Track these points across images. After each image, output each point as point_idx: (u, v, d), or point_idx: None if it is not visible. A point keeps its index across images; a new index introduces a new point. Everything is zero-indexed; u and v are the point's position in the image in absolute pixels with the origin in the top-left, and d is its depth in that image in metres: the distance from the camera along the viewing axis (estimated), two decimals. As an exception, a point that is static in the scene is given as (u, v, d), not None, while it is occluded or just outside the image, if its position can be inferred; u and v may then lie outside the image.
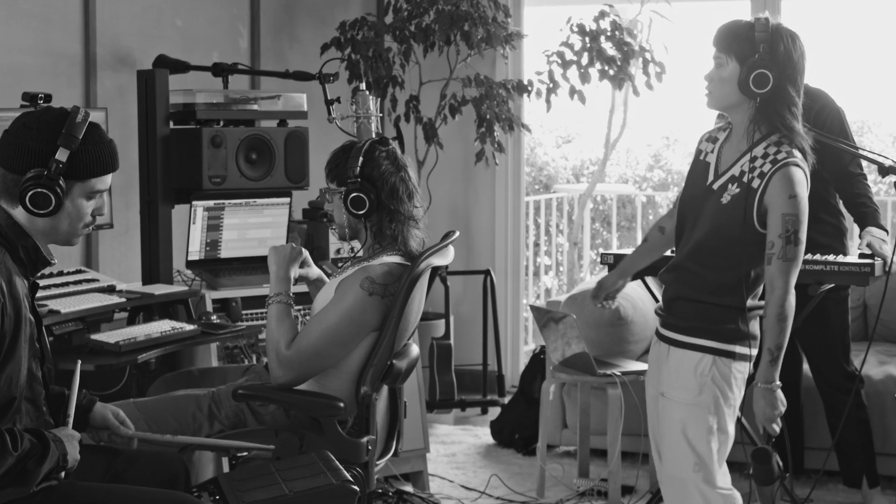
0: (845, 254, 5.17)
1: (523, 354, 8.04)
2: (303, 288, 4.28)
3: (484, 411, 7.32)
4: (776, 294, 3.70)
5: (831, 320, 5.30)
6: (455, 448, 6.48)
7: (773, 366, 3.73)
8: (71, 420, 3.33)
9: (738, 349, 3.80)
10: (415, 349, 4.38)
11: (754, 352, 3.80)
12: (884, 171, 4.35)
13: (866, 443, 5.41)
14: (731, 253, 3.76)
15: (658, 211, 10.88)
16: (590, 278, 9.60)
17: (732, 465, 3.95)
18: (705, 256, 3.82)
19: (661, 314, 3.97)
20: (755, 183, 3.72)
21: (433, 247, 4.11)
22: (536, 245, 8.94)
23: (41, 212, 3.17)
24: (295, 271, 4.12)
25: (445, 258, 4.23)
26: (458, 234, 4.33)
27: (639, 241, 9.90)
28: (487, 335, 7.55)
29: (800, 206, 3.70)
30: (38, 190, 3.15)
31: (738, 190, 3.75)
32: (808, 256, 4.87)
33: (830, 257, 4.86)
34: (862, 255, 4.90)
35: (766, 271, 3.73)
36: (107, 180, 3.29)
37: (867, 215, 5.18)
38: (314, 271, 4.26)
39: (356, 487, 3.43)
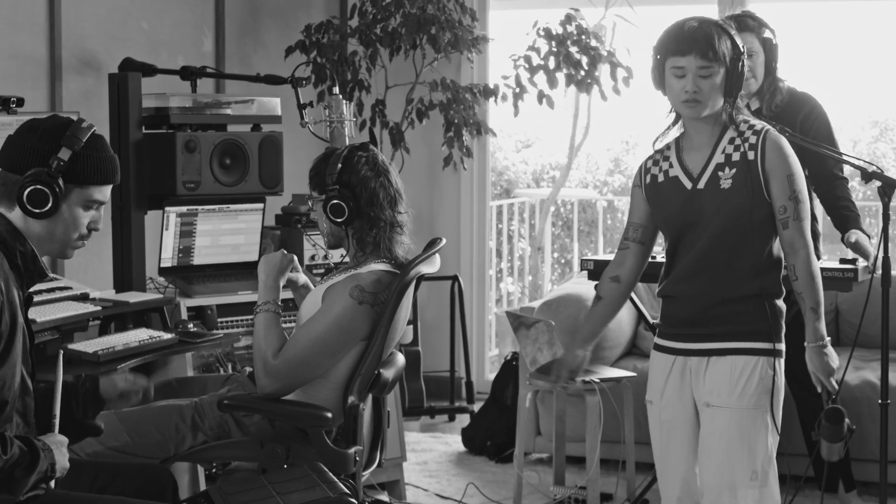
0: (819, 258, 5.16)
1: (488, 360, 7.99)
2: (287, 294, 4.21)
3: (451, 418, 7.25)
4: (803, 254, 3.75)
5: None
6: (426, 456, 6.41)
7: (820, 323, 3.79)
8: (57, 422, 3.22)
9: (780, 347, 3.83)
10: (400, 358, 4.33)
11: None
12: (867, 176, 4.33)
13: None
14: (750, 238, 3.76)
15: (617, 216, 10.86)
16: (550, 286, 9.58)
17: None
18: (726, 251, 3.79)
19: (683, 329, 3.90)
20: (750, 155, 3.74)
21: (421, 255, 4.06)
22: (499, 251, 8.88)
23: (37, 211, 3.10)
24: (284, 280, 4.05)
25: (433, 266, 4.18)
26: (444, 241, 4.28)
27: (601, 245, 9.99)
28: (455, 341, 7.48)
29: (796, 164, 3.78)
30: (37, 187, 3.08)
31: (734, 170, 3.75)
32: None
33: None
34: (843, 261, 4.89)
35: (783, 236, 3.77)
36: (106, 192, 3.23)
37: (849, 219, 5.17)
38: (301, 277, 4.20)
39: (354, 500, 3.36)
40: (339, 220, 3.98)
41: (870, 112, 11.73)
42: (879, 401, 4.39)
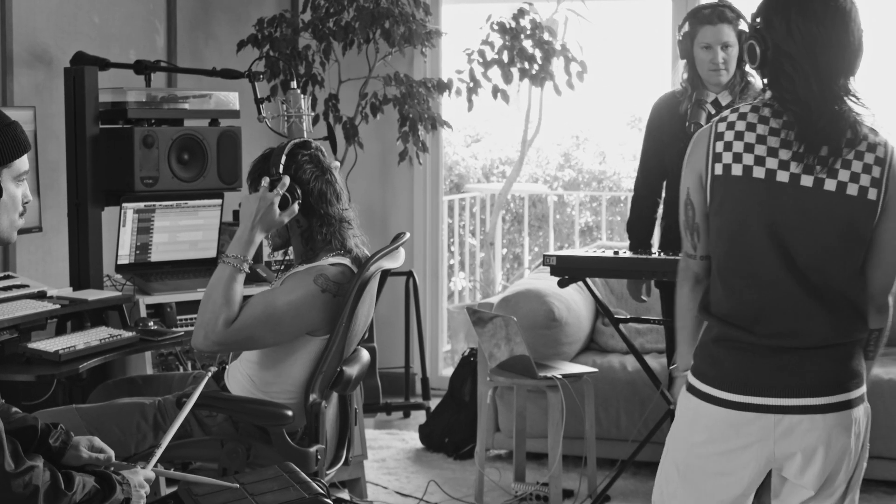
0: None
1: (442, 356, 7.95)
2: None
3: (406, 415, 7.21)
4: None
5: None
6: (384, 453, 6.36)
7: None
8: (159, 452, 3.23)
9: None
10: (365, 354, 4.29)
11: None
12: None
13: None
14: None
15: (567, 210, 10.86)
16: (501, 281, 9.56)
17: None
18: None
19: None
20: None
21: (383, 249, 4.02)
22: (451, 248, 8.87)
23: None
24: (260, 235, 3.93)
25: (396, 261, 4.14)
26: (408, 235, 4.25)
27: (551, 240, 9.98)
28: (410, 337, 7.44)
29: None
30: None
31: None
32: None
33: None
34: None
35: None
36: (26, 161, 3.03)
37: None
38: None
39: (329, 501, 3.31)
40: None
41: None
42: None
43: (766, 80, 3.03)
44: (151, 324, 4.80)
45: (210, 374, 3.78)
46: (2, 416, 3.07)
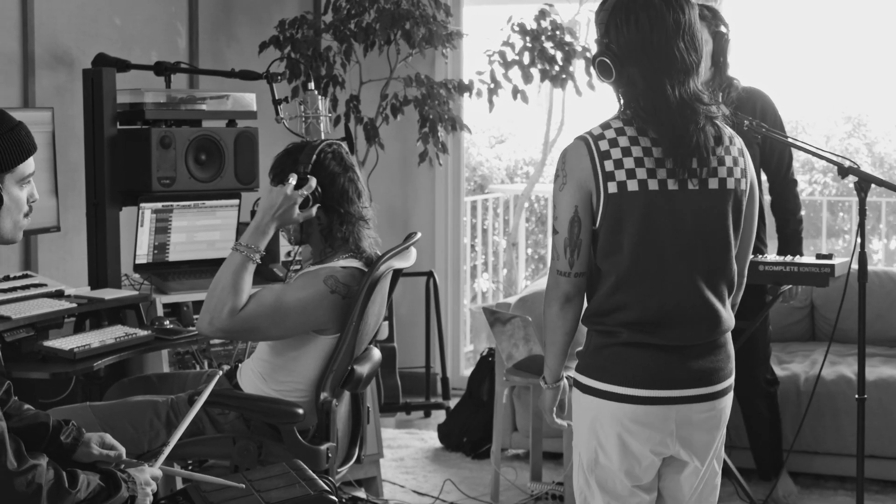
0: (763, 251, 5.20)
1: (463, 356, 7.98)
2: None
3: (427, 414, 7.24)
4: None
5: (762, 323, 5.33)
6: (402, 452, 6.40)
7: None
8: (167, 450, 3.27)
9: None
10: (376, 353, 4.32)
11: None
12: (843, 171, 4.32)
13: (776, 439, 5.55)
14: None
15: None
16: (525, 281, 9.57)
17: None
18: None
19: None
20: None
21: (393, 249, 4.05)
22: (473, 247, 8.88)
23: None
24: (273, 229, 3.93)
25: (407, 261, 4.17)
26: (419, 235, 4.27)
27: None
28: (431, 337, 7.47)
29: None
30: None
31: None
32: (770, 258, 4.86)
33: (789, 258, 4.84)
34: (819, 256, 4.89)
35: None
36: (31, 163, 3.03)
37: (791, 241, 5.26)
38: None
39: (335, 498, 3.34)
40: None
41: (843, 107, 11.74)
42: (856, 396, 4.39)
43: (621, 93, 3.15)
44: (167, 322, 4.84)
45: (222, 372, 3.82)
46: (14, 413, 3.12)
